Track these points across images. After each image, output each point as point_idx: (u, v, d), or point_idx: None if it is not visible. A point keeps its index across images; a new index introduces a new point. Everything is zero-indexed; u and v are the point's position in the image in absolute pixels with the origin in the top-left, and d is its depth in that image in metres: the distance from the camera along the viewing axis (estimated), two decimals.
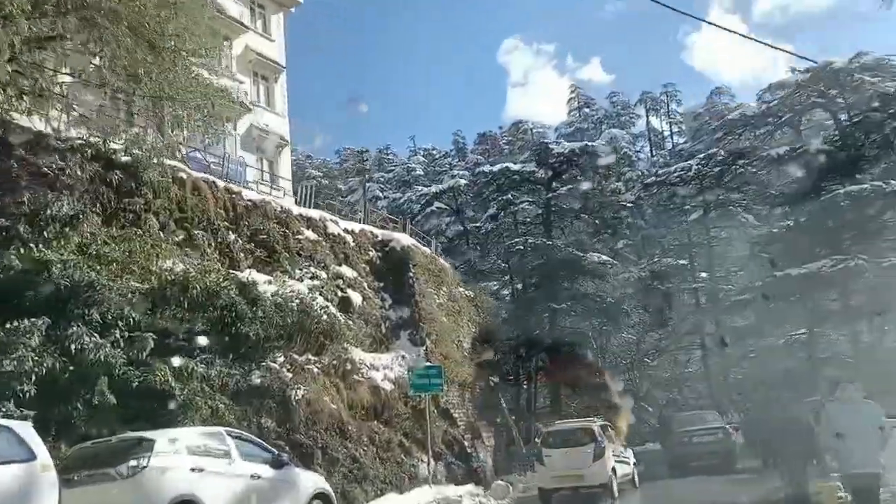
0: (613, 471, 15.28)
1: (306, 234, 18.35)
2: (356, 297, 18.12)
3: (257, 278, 15.75)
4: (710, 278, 44.68)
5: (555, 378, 43.49)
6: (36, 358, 10.83)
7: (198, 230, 16.29)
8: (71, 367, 11.33)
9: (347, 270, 18.59)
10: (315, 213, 19.22)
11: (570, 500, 15.82)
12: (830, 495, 8.95)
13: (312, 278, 17.39)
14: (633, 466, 17.44)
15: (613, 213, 47.61)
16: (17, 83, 14.33)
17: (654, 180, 52.15)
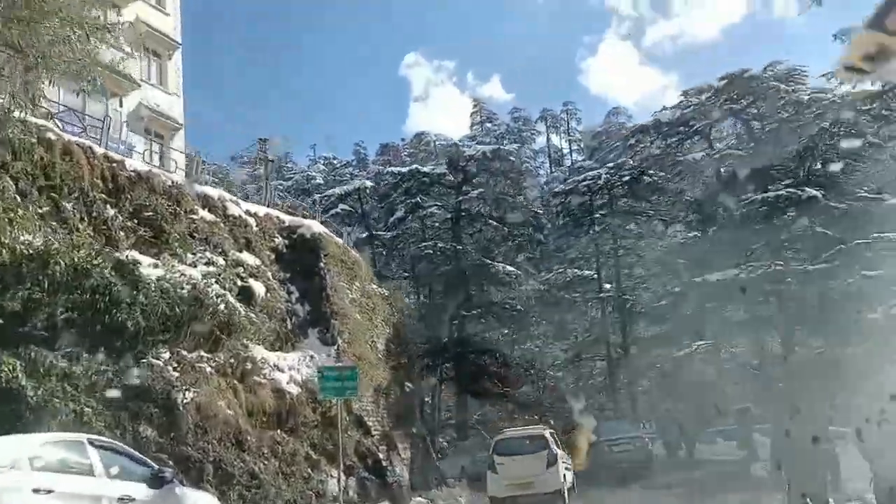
0: (564, 477, 15.40)
1: (202, 213, 15.82)
2: (259, 288, 15.74)
3: (140, 259, 13.17)
4: (617, 288, 44.40)
5: (461, 388, 42.00)
6: None
7: (68, 201, 13.51)
8: None
9: (249, 257, 16.18)
10: (213, 192, 16.71)
11: None
12: None
13: (208, 264, 14.90)
14: (573, 474, 16.84)
15: (522, 221, 46.80)
16: None
17: (563, 188, 51.87)
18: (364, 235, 46.61)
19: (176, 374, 12.22)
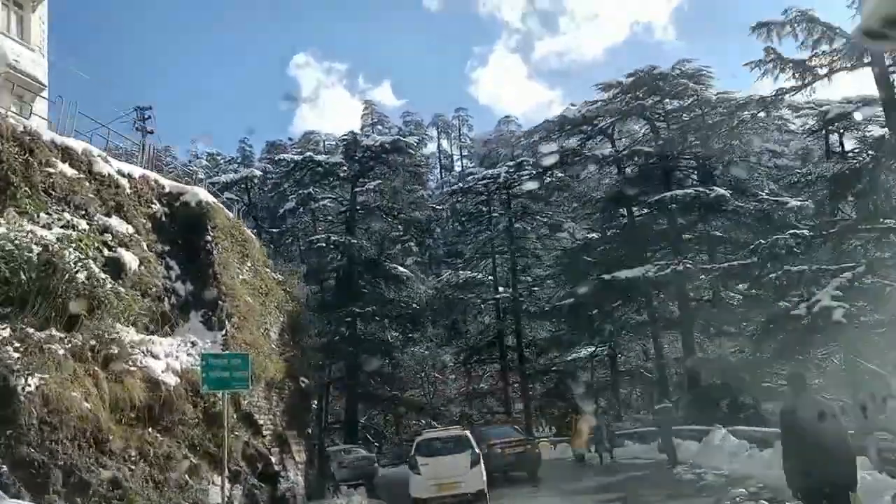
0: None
1: (61, 167, 13.00)
2: (131, 260, 13.10)
3: None
4: (513, 289, 43.51)
5: (351, 390, 39.76)
6: None
7: None
8: None
9: (120, 224, 13.48)
10: (76, 144, 13.84)
11: None
12: None
13: (67, 227, 12.13)
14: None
15: (420, 218, 45.17)
16: None
17: (461, 186, 50.66)
18: (252, 229, 43.45)
19: (17, 355, 9.53)
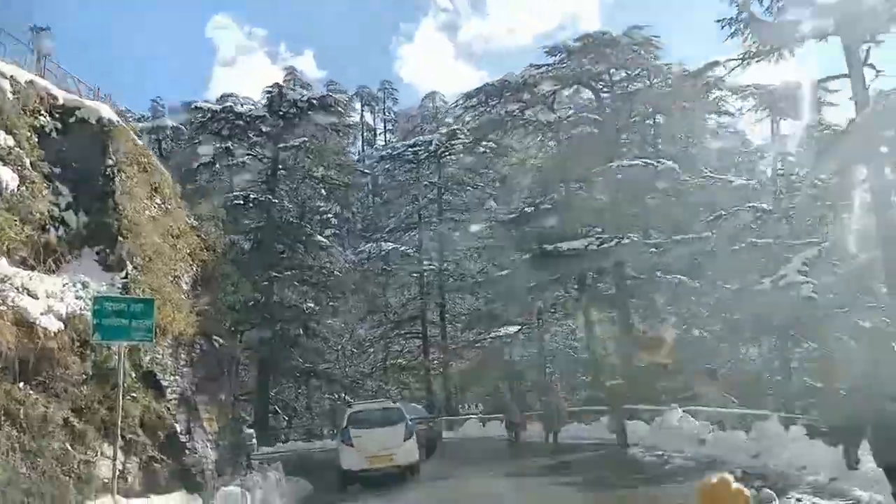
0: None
1: None
2: (9, 177, 10.56)
3: None
4: (439, 262, 41.89)
5: (264, 359, 37.21)
6: None
7: None
8: None
9: None
10: None
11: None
12: None
13: None
14: None
15: (345, 182, 42.70)
16: None
17: (390, 153, 48.49)
18: None
19: None
